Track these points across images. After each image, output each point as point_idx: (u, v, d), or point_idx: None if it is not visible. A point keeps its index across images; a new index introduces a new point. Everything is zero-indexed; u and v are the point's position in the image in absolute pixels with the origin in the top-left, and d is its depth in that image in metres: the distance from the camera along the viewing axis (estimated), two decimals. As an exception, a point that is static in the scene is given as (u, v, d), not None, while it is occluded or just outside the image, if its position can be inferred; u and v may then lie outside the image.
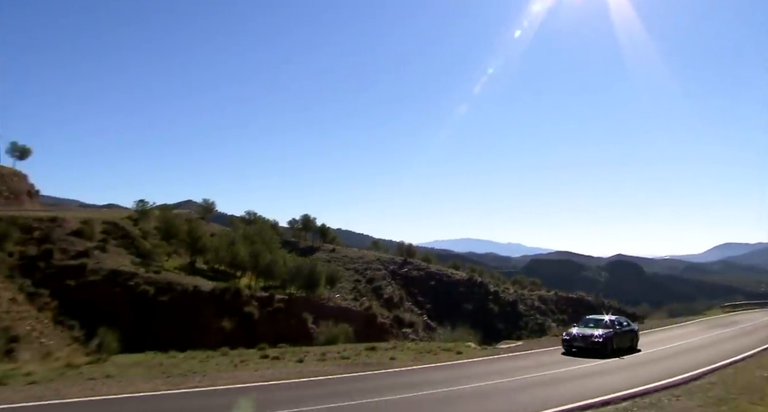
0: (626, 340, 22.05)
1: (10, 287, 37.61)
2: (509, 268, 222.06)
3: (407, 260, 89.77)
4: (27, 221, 46.54)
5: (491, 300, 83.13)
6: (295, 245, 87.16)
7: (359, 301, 62.09)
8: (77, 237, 47.78)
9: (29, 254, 42.78)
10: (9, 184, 73.85)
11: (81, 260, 44.36)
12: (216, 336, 39.19)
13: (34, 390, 11.54)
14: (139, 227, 58.37)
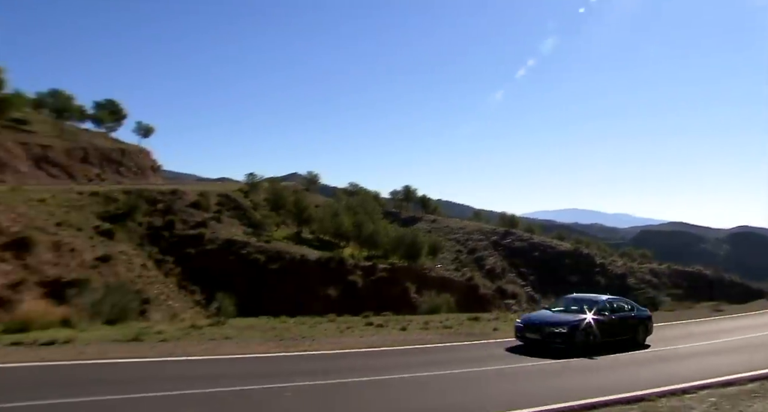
0: (623, 330, 15.74)
1: (141, 254, 41.27)
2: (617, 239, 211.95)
3: (509, 230, 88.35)
4: (152, 194, 50.49)
5: (598, 272, 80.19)
6: (396, 215, 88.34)
7: (461, 271, 62.16)
8: (195, 209, 51.28)
9: (155, 224, 46.53)
10: (136, 161, 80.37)
11: (199, 229, 47.64)
12: (322, 303, 40.90)
13: (164, 347, 12.71)
14: (249, 199, 61.59)
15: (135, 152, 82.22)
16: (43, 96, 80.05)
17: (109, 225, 41.87)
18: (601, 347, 14.68)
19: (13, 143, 63.23)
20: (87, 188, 49.35)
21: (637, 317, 16.48)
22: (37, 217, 35.78)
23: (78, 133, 79.36)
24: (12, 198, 36.10)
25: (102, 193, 46.98)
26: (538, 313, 16.55)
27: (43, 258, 32.12)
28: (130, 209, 45.23)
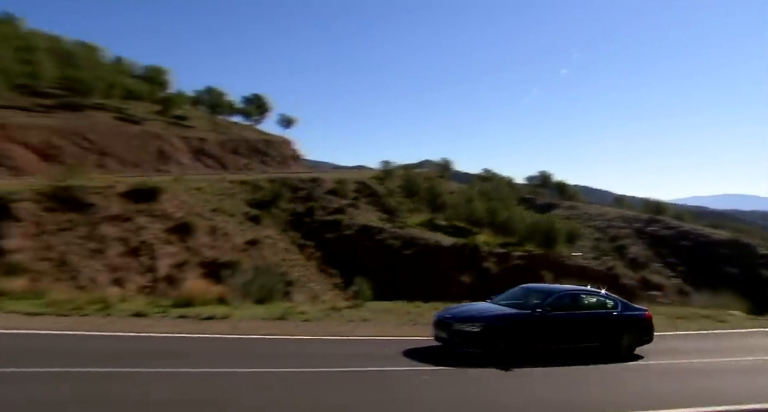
0: (591, 334, 11.87)
1: (284, 239, 44.07)
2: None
3: (655, 217, 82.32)
4: (294, 182, 53.54)
5: (761, 265, 72.26)
6: (532, 201, 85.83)
7: (600, 260, 59.17)
8: (333, 195, 53.59)
9: (297, 210, 49.35)
10: (279, 150, 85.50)
11: (337, 215, 49.78)
12: (456, 289, 41.00)
13: (308, 326, 13.59)
14: (384, 186, 63.10)
15: (278, 143, 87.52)
16: (200, 94, 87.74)
17: (257, 211, 45.15)
18: (549, 355, 11.33)
19: (176, 138, 70.08)
20: (237, 177, 53.51)
21: (620, 317, 12.21)
22: (196, 204, 39.50)
23: (229, 127, 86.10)
24: (176, 187, 40.13)
25: (250, 181, 50.72)
26: (469, 305, 12.75)
27: (202, 241, 35.45)
28: (275, 196, 48.40)
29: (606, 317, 12.19)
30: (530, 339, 11.34)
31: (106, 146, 60.41)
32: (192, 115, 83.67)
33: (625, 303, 12.78)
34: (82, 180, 34.22)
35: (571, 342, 11.81)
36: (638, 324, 12.45)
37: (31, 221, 28.53)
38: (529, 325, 11.27)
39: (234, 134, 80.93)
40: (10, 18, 79.87)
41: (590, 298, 12.66)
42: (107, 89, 67.24)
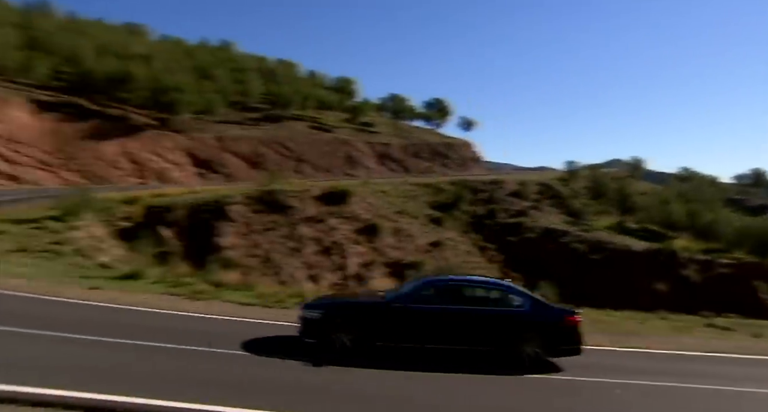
0: (480, 335, 9.75)
1: (466, 241, 44.24)
2: None
3: None
4: (475, 184, 53.51)
5: None
6: (741, 203, 75.90)
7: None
8: (515, 197, 52.54)
9: (478, 212, 49.25)
10: (459, 153, 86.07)
11: (519, 218, 48.70)
12: (649, 298, 37.71)
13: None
14: (569, 187, 60.33)
15: (459, 145, 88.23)
16: (384, 100, 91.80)
17: (439, 213, 45.96)
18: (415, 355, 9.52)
19: (362, 143, 74.12)
20: (419, 180, 54.98)
21: (525, 318, 9.87)
22: (382, 206, 41.37)
23: (412, 131, 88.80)
24: (363, 190, 42.44)
25: (432, 184, 51.80)
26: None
27: (387, 242, 37.00)
28: (456, 198, 48.86)
29: (503, 317, 9.88)
30: (384, 335, 9.63)
31: (302, 153, 65.88)
32: (377, 121, 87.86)
33: (538, 302, 10.28)
34: (282, 185, 37.75)
35: (446, 343, 9.75)
36: (552, 329, 9.90)
37: (242, 221, 32.16)
38: (382, 318, 9.68)
39: (416, 138, 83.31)
40: (225, 44, 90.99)
41: (488, 292, 10.37)
42: (303, 101, 73.41)
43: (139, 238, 26.97)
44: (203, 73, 65.88)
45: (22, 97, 46.42)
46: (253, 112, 72.32)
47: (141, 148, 52.06)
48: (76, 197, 28.14)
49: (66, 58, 56.64)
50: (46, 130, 46.01)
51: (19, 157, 43.08)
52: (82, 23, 72.76)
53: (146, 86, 54.04)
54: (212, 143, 58.44)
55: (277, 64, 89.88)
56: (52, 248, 21.86)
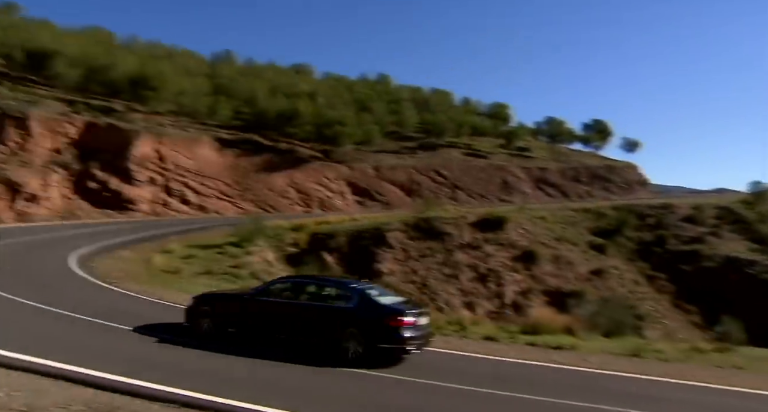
0: (310, 328, 10.40)
1: (632, 269, 41.29)
2: None
3: None
4: (641, 209, 49.92)
5: None
6: None
7: None
8: (689, 223, 48.07)
9: (645, 239, 45.76)
10: (623, 176, 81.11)
11: (694, 245, 44.39)
12: None
13: (667, 367, 12.37)
14: (754, 211, 53.91)
15: (622, 168, 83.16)
16: (539, 124, 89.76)
17: (601, 240, 43.45)
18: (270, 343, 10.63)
19: (518, 168, 72.93)
20: (579, 205, 52.56)
21: (349, 314, 10.24)
22: (539, 232, 40.17)
23: (570, 155, 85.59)
24: (520, 216, 41.59)
25: (593, 209, 49.25)
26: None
27: (546, 269, 35.76)
28: (620, 224, 45.83)
29: (329, 312, 10.55)
30: (236, 323, 10.98)
31: (457, 180, 66.44)
32: (533, 145, 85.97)
33: (368, 300, 10.40)
34: (438, 212, 38.34)
35: (287, 334, 10.64)
36: (373, 327, 10.03)
37: (399, 248, 33.13)
38: (237, 308, 11.16)
39: (575, 162, 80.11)
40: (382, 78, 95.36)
41: (326, 289, 11.11)
42: (457, 128, 74.26)
43: (304, 263, 28.93)
44: (362, 106, 69.58)
45: (208, 137, 52.52)
46: (408, 141, 74.60)
47: (306, 178, 56.06)
48: (251, 225, 31.04)
49: (244, 100, 63.22)
50: (227, 165, 51.47)
51: (206, 189, 48.59)
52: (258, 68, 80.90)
53: (311, 121, 58.34)
54: (371, 173, 61.17)
55: (431, 94, 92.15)
56: (232, 271, 24.28)
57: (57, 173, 40.14)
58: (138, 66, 52.09)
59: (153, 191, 44.97)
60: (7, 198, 36.22)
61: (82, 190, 41.23)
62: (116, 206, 42.08)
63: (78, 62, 49.54)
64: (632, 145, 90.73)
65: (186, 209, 46.33)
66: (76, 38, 56.68)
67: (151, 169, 45.25)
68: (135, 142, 44.62)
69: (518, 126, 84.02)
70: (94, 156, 43.03)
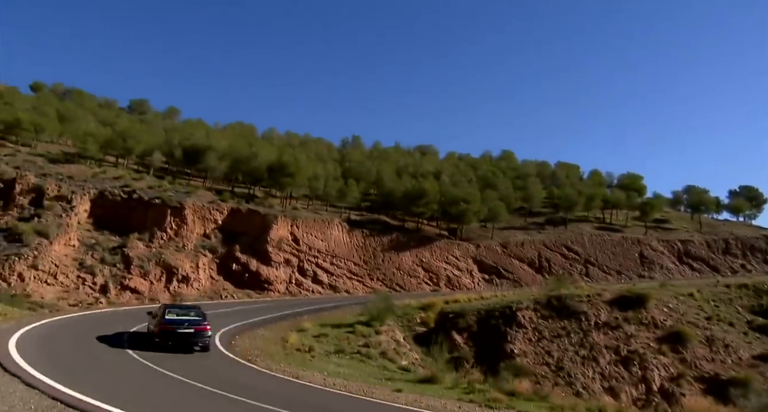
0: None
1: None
2: None
3: None
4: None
5: None
6: None
7: None
8: None
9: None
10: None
11: None
12: None
13: None
14: None
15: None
16: (677, 194, 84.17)
17: (763, 320, 38.71)
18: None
19: (656, 242, 68.22)
20: (733, 281, 47.63)
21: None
22: (687, 311, 36.71)
23: (716, 225, 78.81)
24: (662, 293, 38.44)
25: (751, 285, 44.34)
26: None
27: (697, 353, 32.31)
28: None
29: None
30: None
31: (589, 255, 63.36)
32: (672, 217, 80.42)
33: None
34: (571, 289, 36.56)
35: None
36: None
37: (530, 327, 31.76)
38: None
39: (723, 233, 73.47)
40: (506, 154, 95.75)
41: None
42: (587, 202, 71.59)
43: (433, 342, 28.58)
44: (487, 183, 69.75)
45: (339, 218, 55.08)
46: (536, 216, 72.99)
47: (433, 257, 56.33)
48: (380, 304, 31.50)
49: (372, 182, 66.08)
50: (356, 245, 53.27)
51: (336, 269, 50.40)
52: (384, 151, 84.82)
53: (437, 200, 59.31)
54: (498, 250, 60.22)
55: (557, 168, 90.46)
56: (362, 349, 24.57)
57: (206, 256, 43.86)
58: (275, 155, 56.78)
59: (288, 272, 47.45)
60: (164, 280, 40.05)
61: (225, 272, 44.53)
62: (255, 286, 44.80)
63: (225, 155, 55.10)
64: None
65: (318, 289, 48.17)
66: (224, 134, 63.48)
67: (286, 250, 48.00)
68: (272, 226, 47.86)
69: (654, 197, 79.30)
70: (236, 239, 46.65)
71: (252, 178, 57.97)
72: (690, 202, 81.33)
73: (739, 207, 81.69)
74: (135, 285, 38.26)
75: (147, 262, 40.00)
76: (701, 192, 79.99)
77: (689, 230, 74.18)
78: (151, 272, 39.59)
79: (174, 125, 65.85)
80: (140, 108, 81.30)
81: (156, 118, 72.74)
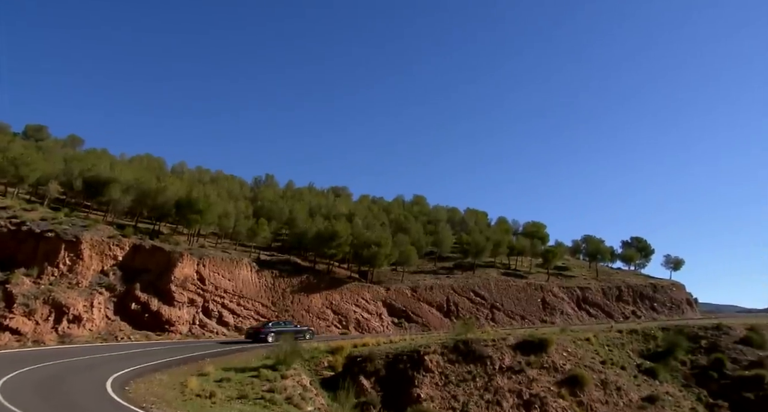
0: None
1: (688, 396, 38.57)
2: None
3: None
4: (692, 330, 47.54)
5: None
6: None
7: None
8: (746, 345, 45.35)
9: (699, 363, 43.15)
10: (669, 295, 78.38)
11: (756, 370, 41.50)
12: None
13: None
14: (816, 333, 50.68)
15: (667, 287, 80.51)
16: (577, 243, 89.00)
17: (650, 363, 41.12)
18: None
19: (558, 288, 71.37)
20: (625, 326, 50.45)
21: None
22: (584, 355, 38.37)
23: (611, 274, 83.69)
24: (562, 338, 40.03)
25: (640, 330, 47.13)
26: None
27: (593, 396, 33.70)
28: (670, 346, 43.51)
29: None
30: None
31: (495, 300, 65.18)
32: (572, 264, 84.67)
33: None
34: (477, 333, 37.27)
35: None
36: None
37: (438, 371, 31.95)
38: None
39: (617, 281, 78.12)
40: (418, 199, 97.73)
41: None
42: (494, 248, 74.05)
43: (340, 387, 28.04)
44: (399, 227, 70.67)
45: (248, 258, 53.63)
46: (445, 261, 74.54)
47: (343, 299, 55.85)
48: (287, 347, 30.64)
49: (284, 222, 65.15)
50: (265, 286, 51.92)
51: (243, 310, 48.75)
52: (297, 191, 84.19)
53: (349, 242, 59.25)
54: (407, 293, 60.67)
55: (466, 214, 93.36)
56: (266, 395, 23.67)
57: (102, 294, 41.11)
58: (184, 191, 54.78)
59: (192, 312, 45.32)
60: (52, 320, 37.01)
61: (123, 311, 41.87)
62: (156, 327, 42.36)
63: (130, 188, 52.50)
64: (675, 264, 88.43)
65: (223, 330, 46.26)
66: (130, 166, 60.69)
67: (191, 290, 45.96)
68: (177, 264, 45.79)
69: (556, 245, 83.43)
70: (137, 277, 44.18)
71: (158, 213, 55.47)
72: (588, 251, 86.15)
73: (630, 257, 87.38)
74: (17, 325, 35.02)
75: (33, 300, 36.82)
76: (597, 242, 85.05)
77: (587, 278, 78.28)
78: (38, 311, 36.43)
79: (75, 154, 62.13)
80: (37, 134, 76.29)
81: (55, 146, 68.42)
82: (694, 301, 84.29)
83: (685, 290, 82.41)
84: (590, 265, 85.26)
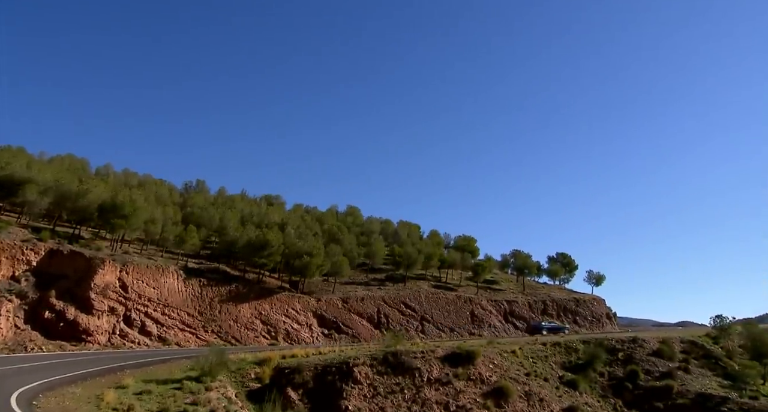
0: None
1: (605, 406, 40.17)
2: None
3: None
4: (611, 343, 49.66)
5: None
6: None
7: None
8: (658, 357, 47.82)
9: (617, 374, 45.11)
10: (590, 309, 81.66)
11: (665, 381, 43.81)
12: None
13: None
14: (719, 346, 54.16)
15: (589, 301, 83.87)
16: (506, 257, 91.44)
17: (572, 375, 42.64)
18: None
19: (486, 301, 72.93)
20: (549, 339, 52.15)
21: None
22: (510, 367, 39.32)
23: (537, 288, 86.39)
24: (489, 350, 40.89)
25: (562, 343, 48.83)
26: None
27: (517, 407, 34.54)
28: (591, 358, 45.30)
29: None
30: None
31: (425, 312, 65.83)
32: (500, 278, 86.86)
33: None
34: (406, 345, 37.50)
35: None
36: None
37: (366, 383, 31.87)
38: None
39: (542, 295, 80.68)
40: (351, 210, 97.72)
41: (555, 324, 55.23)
42: (425, 261, 74.96)
43: (266, 400, 27.48)
44: (332, 237, 70.36)
45: (175, 265, 51.88)
46: (377, 273, 74.76)
47: (273, 310, 54.93)
48: (213, 358, 29.78)
49: (214, 229, 63.53)
50: (192, 295, 50.35)
51: (168, 320, 47.04)
52: (229, 198, 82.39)
53: (280, 251, 58.42)
54: (338, 304, 60.36)
55: (399, 226, 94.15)
56: (189, 408, 22.86)
57: (11, 302, 38.63)
58: (109, 194, 52.43)
59: (112, 321, 43.31)
60: (-45, 328, 34.45)
61: (35, 320, 39.49)
62: (71, 337, 40.17)
63: (49, 190, 49.73)
64: (597, 279, 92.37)
65: (146, 340, 44.43)
66: (49, 166, 57.50)
67: (112, 297, 43.96)
68: (98, 270, 43.71)
69: (485, 259, 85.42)
70: (53, 284, 41.85)
71: (79, 217, 52.79)
72: (516, 266, 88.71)
73: (555, 272, 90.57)
74: None
75: (-66, 307, 34.23)
76: (525, 257, 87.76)
77: (514, 291, 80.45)
78: (-62, 319, 33.89)
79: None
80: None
81: (-34, 143, 63.96)
82: (613, 315, 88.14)
83: (605, 304, 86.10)
84: (518, 279, 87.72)
